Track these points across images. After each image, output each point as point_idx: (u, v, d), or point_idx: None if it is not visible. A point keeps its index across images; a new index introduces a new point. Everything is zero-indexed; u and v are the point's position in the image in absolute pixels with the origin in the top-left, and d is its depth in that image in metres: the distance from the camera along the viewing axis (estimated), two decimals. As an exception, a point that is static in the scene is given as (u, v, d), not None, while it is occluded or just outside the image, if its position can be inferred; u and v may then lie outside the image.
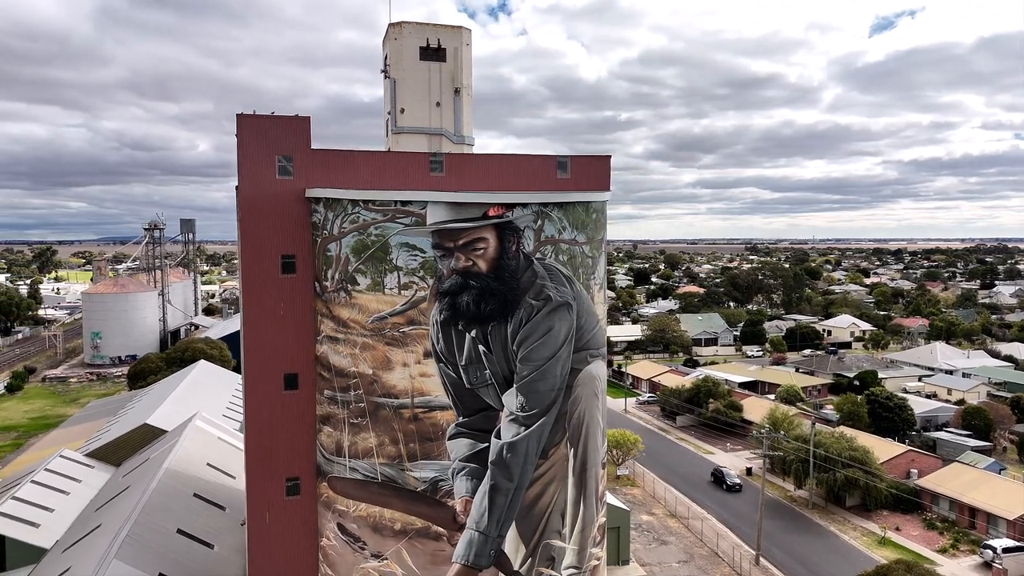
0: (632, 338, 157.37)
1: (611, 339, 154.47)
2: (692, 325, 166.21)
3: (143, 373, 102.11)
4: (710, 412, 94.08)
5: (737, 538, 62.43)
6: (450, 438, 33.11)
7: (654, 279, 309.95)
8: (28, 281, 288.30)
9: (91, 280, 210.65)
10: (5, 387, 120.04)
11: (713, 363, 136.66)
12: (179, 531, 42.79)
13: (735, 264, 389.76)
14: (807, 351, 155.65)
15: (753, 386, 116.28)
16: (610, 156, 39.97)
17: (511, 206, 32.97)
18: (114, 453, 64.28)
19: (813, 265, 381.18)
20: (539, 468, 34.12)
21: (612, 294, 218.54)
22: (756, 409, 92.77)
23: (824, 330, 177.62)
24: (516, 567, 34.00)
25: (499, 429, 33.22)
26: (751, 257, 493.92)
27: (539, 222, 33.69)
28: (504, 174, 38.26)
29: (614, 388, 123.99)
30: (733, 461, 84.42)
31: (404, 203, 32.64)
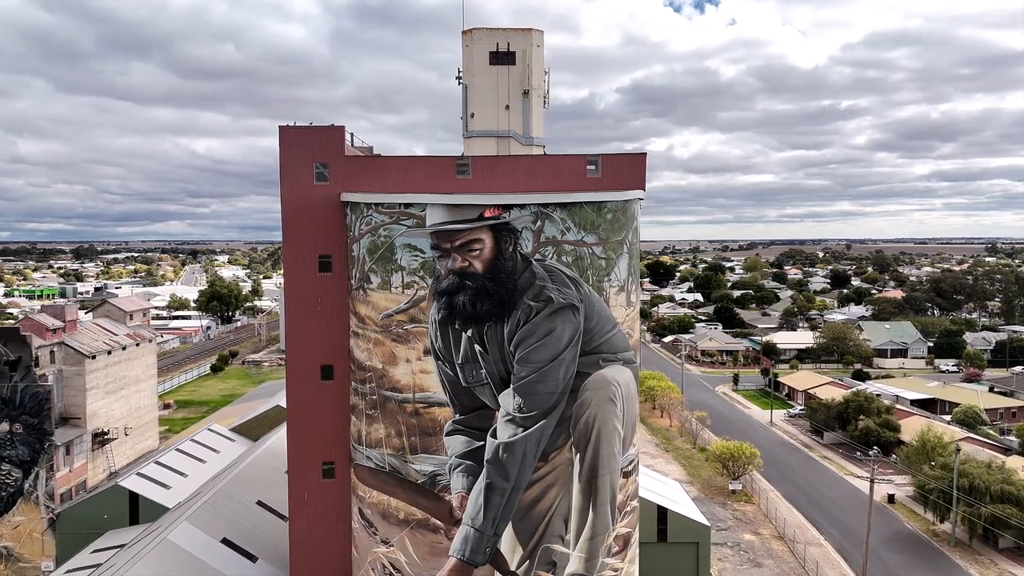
0: (803, 346, 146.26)
1: (777, 346, 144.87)
2: (877, 334, 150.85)
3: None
4: (859, 430, 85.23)
5: (848, 568, 56.60)
6: (447, 434, 33.93)
7: (854, 282, 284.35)
8: (260, 276, 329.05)
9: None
10: (211, 367, 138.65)
11: (889, 376, 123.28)
12: (258, 503, 47.57)
13: (966, 267, 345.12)
14: (1018, 368, 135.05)
15: (931, 404, 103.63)
16: (645, 154, 38.52)
17: (508, 207, 33.06)
18: (253, 429, 72.26)
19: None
20: (538, 471, 33.83)
21: (790, 296, 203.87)
22: (918, 430, 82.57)
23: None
24: (513, 567, 34.02)
25: (495, 428, 33.48)
26: (987, 259, 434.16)
27: (538, 223, 33.42)
28: (532, 175, 38.29)
29: (763, 399, 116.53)
30: (877, 486, 75.90)
31: (407, 205, 33.97)
